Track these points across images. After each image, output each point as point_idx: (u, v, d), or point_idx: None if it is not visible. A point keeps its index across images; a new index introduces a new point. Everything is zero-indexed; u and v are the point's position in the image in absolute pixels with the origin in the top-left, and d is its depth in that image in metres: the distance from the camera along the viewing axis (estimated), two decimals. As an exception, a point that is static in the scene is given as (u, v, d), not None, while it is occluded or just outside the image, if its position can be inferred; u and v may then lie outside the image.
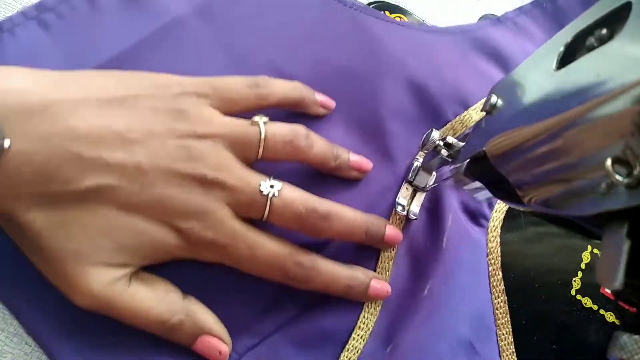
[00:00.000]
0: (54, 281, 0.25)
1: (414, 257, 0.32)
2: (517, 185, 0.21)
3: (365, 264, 0.30)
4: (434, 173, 0.31)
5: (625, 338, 0.16)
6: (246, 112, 0.28)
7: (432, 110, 0.34)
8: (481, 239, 0.33)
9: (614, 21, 0.17)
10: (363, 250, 0.31)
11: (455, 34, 0.37)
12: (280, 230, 0.28)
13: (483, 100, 0.25)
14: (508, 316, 0.31)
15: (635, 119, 0.14)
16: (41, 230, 0.23)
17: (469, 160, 0.25)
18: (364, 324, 0.29)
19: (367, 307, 0.30)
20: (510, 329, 0.31)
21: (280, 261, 0.27)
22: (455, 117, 0.34)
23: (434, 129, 0.30)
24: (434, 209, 0.33)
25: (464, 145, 0.27)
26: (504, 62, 0.37)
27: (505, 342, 0.31)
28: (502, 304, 0.32)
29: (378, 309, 0.30)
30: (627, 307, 0.32)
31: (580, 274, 0.33)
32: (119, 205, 0.24)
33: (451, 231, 0.32)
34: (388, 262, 0.31)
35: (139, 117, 0.25)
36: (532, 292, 0.32)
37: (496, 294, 0.32)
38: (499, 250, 0.33)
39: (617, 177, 0.14)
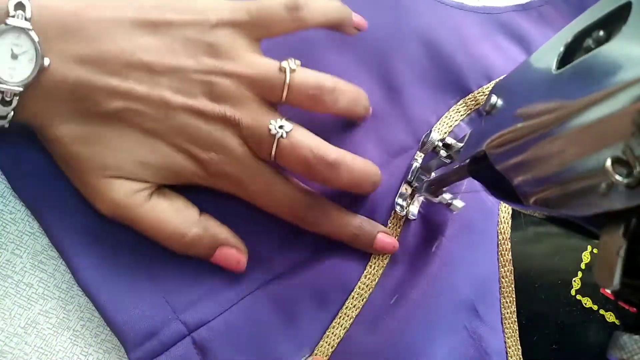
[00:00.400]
0: (81, 190, 0.27)
1: (424, 215, 0.32)
2: (517, 185, 0.21)
3: (378, 219, 0.31)
4: (433, 174, 0.31)
5: (625, 338, 0.16)
6: (285, 34, 0.28)
7: (455, 79, 0.35)
8: (495, 208, 0.33)
9: (613, 22, 0.17)
10: (377, 206, 0.31)
11: (480, 14, 0.38)
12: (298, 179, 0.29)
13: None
14: (513, 285, 0.32)
15: (635, 118, 0.14)
16: (70, 143, 0.25)
17: (469, 160, 0.25)
18: (370, 274, 0.30)
19: (375, 258, 0.31)
20: (514, 298, 0.32)
21: (292, 200, 0.28)
22: (478, 89, 0.35)
23: (432, 130, 0.30)
24: None
25: (463, 145, 0.27)
26: (527, 46, 0.38)
27: (508, 311, 0.31)
28: (507, 273, 0.32)
29: (385, 261, 0.31)
30: (627, 307, 0.32)
31: (580, 274, 0.33)
32: (144, 129, 0.26)
33: (464, 196, 0.32)
34: (400, 220, 0.32)
35: (169, 48, 0.26)
36: (532, 292, 0.32)
37: (503, 263, 0.32)
38: (510, 221, 0.33)
39: (617, 177, 0.14)
